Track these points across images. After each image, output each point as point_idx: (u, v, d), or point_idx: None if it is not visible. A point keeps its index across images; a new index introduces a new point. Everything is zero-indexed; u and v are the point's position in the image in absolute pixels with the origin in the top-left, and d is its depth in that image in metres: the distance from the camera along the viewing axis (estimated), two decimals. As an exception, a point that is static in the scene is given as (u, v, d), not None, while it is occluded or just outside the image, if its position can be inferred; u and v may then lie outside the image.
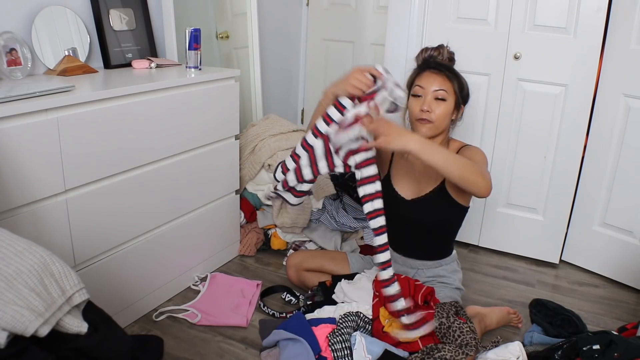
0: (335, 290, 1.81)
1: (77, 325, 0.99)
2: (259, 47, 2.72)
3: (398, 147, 1.44)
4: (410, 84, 1.77)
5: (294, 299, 1.98)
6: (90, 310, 1.06)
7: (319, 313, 1.74)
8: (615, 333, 1.49)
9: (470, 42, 2.26)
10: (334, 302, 1.79)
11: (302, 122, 3.45)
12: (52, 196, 1.47)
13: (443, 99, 1.69)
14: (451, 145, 1.80)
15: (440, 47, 1.79)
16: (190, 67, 2.01)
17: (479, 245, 2.49)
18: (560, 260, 2.37)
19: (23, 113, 1.34)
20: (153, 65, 2.01)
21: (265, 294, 2.05)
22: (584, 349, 1.44)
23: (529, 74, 2.19)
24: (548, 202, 2.30)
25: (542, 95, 2.19)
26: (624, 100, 2.08)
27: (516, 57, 2.19)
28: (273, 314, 1.90)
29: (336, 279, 1.87)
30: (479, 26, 2.23)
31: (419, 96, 1.71)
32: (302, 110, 3.44)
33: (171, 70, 2.01)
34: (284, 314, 1.89)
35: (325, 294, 1.85)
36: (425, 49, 1.80)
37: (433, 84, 1.69)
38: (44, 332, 0.92)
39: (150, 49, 2.12)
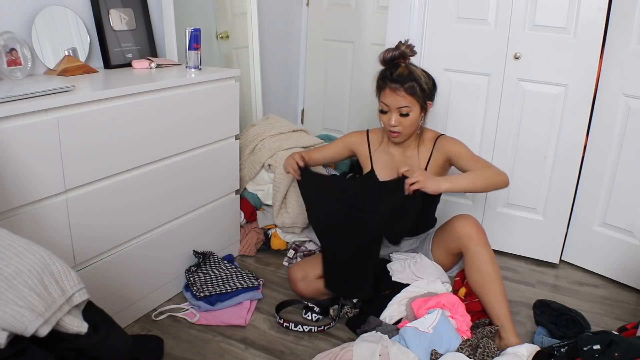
0: (392, 269, 1.86)
1: (77, 325, 0.99)
2: (259, 47, 2.72)
3: (433, 189, 1.68)
4: (377, 90, 1.87)
5: (319, 316, 1.89)
6: (90, 310, 1.06)
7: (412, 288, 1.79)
8: (615, 333, 1.49)
9: (470, 42, 2.26)
10: (385, 289, 1.83)
11: (302, 122, 3.45)
12: (52, 196, 1.47)
13: (407, 114, 1.81)
14: (426, 135, 1.94)
15: (398, 45, 1.83)
16: (190, 67, 2.01)
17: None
18: (560, 260, 2.37)
19: (23, 113, 1.34)
20: (153, 65, 2.01)
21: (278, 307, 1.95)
22: (585, 349, 1.44)
23: (529, 74, 2.19)
24: (548, 202, 2.30)
25: (542, 95, 2.19)
26: (624, 100, 2.08)
27: (516, 57, 2.19)
28: (298, 328, 1.83)
29: None
30: (479, 26, 2.23)
31: (385, 112, 1.84)
32: (302, 110, 3.44)
33: (171, 70, 2.01)
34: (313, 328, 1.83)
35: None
36: (387, 51, 1.84)
37: (395, 102, 1.80)
38: (44, 332, 0.92)
39: (150, 49, 2.12)
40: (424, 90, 1.80)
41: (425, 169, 1.91)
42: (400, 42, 1.83)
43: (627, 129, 2.09)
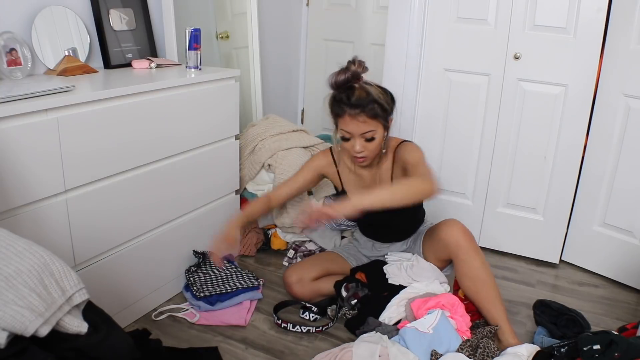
0: (388, 272, 1.86)
1: (77, 325, 0.99)
2: (259, 47, 2.72)
3: (349, 212, 1.51)
4: (334, 116, 1.74)
5: (317, 316, 1.89)
6: (90, 310, 1.06)
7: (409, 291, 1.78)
8: (615, 333, 1.49)
9: (470, 42, 2.26)
10: (383, 291, 1.82)
11: (302, 122, 3.45)
12: (52, 196, 1.47)
13: (372, 138, 1.71)
14: (389, 146, 1.84)
15: (349, 66, 1.69)
16: (190, 67, 2.01)
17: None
18: (560, 260, 2.37)
19: (23, 113, 1.34)
20: (153, 65, 2.01)
21: (276, 308, 1.94)
22: (585, 349, 1.44)
23: (529, 74, 2.19)
24: (548, 202, 2.30)
25: (542, 95, 2.19)
26: (624, 100, 2.08)
27: (516, 57, 2.18)
28: (297, 329, 1.83)
29: (354, 272, 1.94)
30: (479, 26, 2.23)
31: (348, 139, 1.73)
32: (302, 110, 3.44)
33: (171, 70, 2.01)
34: (311, 329, 1.83)
35: (366, 286, 1.87)
36: (338, 74, 1.70)
37: (357, 128, 1.69)
38: (44, 332, 0.92)
39: (150, 49, 2.12)
40: (385, 110, 1.70)
41: (391, 180, 1.85)
42: (350, 61, 1.69)
43: (627, 129, 2.09)
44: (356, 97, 1.67)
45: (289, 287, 1.95)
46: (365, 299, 1.83)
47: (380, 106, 1.68)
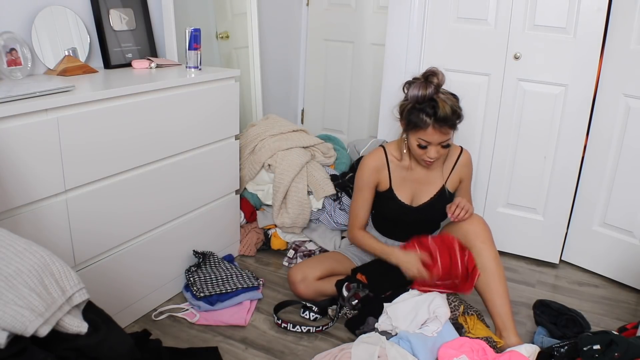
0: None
1: (77, 325, 0.99)
2: (259, 47, 2.72)
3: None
4: (411, 126, 1.77)
5: (317, 315, 1.89)
6: (90, 310, 1.06)
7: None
8: (615, 333, 1.49)
9: (470, 42, 2.26)
10: (381, 292, 1.82)
11: (302, 122, 3.45)
12: (52, 196, 1.47)
13: (448, 145, 1.80)
14: (451, 151, 1.93)
15: (430, 79, 1.74)
16: (190, 67, 2.01)
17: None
18: (560, 260, 2.37)
19: (23, 113, 1.34)
20: (153, 65, 2.01)
21: (277, 308, 1.95)
22: (585, 349, 1.44)
23: (529, 74, 2.19)
24: (548, 202, 2.30)
25: (542, 95, 2.19)
26: (624, 100, 2.08)
27: (516, 57, 2.18)
28: (297, 329, 1.83)
29: (355, 272, 1.93)
30: (479, 26, 2.23)
31: (425, 146, 1.79)
32: (302, 110, 3.44)
33: (171, 70, 2.01)
34: (311, 328, 1.83)
35: (367, 287, 1.86)
36: (421, 88, 1.73)
37: (439, 139, 1.77)
38: (44, 332, 0.92)
39: (150, 49, 2.12)
40: (460, 117, 1.78)
41: (446, 182, 1.95)
42: (430, 74, 1.76)
43: (627, 129, 2.09)
44: (442, 111, 1.72)
45: (293, 285, 1.94)
46: (365, 299, 1.83)
47: (459, 116, 1.77)
